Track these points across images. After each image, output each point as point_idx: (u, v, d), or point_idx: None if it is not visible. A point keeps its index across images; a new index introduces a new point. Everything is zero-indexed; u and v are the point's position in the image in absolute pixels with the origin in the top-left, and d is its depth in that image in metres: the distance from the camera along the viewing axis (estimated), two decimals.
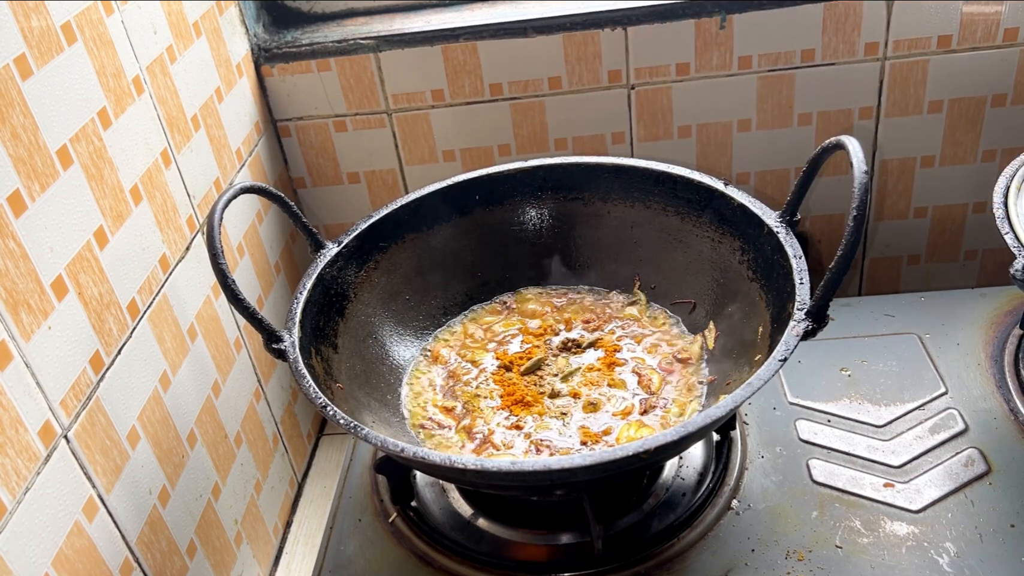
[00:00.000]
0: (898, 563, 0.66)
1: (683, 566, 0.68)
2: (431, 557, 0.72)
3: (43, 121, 0.63)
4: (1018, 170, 0.78)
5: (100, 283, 0.68)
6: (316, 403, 0.64)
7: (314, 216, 1.13)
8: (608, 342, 0.83)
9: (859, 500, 0.71)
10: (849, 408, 0.80)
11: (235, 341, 0.91)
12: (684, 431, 0.58)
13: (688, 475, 0.75)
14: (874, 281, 1.16)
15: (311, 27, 1.05)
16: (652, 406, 0.75)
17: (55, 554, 0.59)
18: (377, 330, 0.83)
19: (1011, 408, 0.77)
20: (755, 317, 0.74)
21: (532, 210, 0.90)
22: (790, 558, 0.67)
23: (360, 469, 0.82)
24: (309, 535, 0.99)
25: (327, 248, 0.80)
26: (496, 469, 0.59)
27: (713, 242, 0.81)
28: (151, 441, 0.73)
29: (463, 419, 0.77)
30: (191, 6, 0.87)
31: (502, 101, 1.03)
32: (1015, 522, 0.67)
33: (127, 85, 0.74)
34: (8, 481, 0.56)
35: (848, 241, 0.60)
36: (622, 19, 0.98)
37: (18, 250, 0.59)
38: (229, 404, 0.88)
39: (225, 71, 0.94)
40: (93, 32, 0.70)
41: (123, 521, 0.68)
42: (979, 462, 0.72)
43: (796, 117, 1.03)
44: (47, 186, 0.62)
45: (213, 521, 0.82)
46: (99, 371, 0.67)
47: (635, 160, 0.86)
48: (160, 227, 0.78)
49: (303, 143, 1.07)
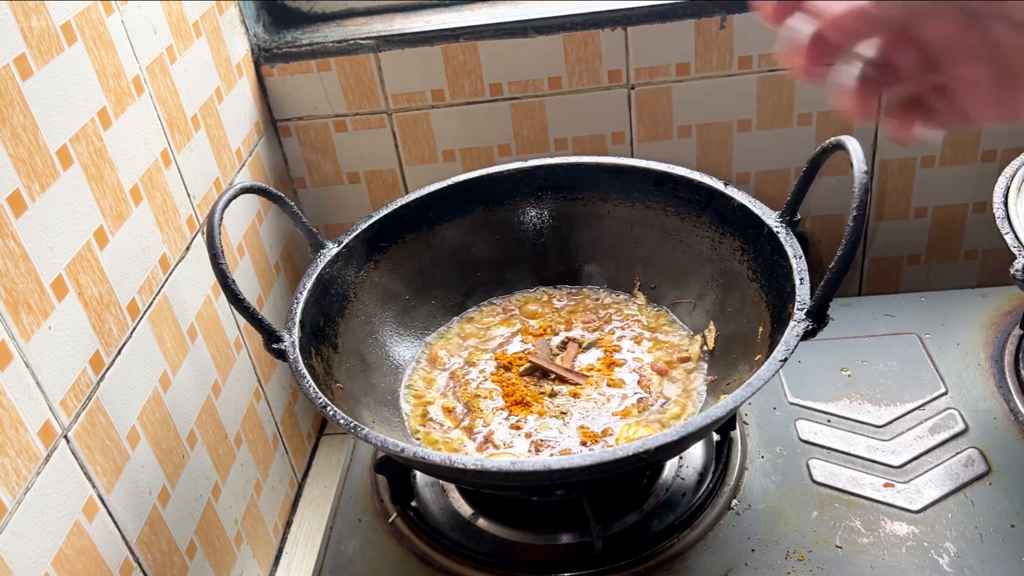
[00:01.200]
0: (898, 563, 0.66)
1: (683, 566, 0.68)
2: (431, 557, 0.72)
3: (43, 121, 0.63)
4: (1018, 170, 0.78)
5: (100, 283, 0.68)
6: (316, 403, 0.64)
7: (314, 216, 1.13)
8: (608, 342, 0.83)
9: (859, 500, 0.71)
10: (849, 408, 0.80)
11: (235, 341, 0.91)
12: (684, 431, 0.58)
13: (688, 475, 0.75)
14: (874, 281, 1.16)
15: (311, 27, 1.05)
16: (652, 406, 0.75)
17: (55, 554, 0.59)
18: (377, 330, 0.83)
19: (1011, 408, 0.77)
20: (755, 317, 0.74)
21: (532, 210, 0.90)
22: (790, 558, 0.67)
23: (360, 469, 0.82)
24: (309, 535, 0.99)
25: (327, 248, 0.80)
26: (496, 469, 0.59)
27: (713, 242, 0.81)
28: (151, 441, 0.73)
29: (463, 419, 0.77)
30: (191, 6, 0.87)
31: (502, 101, 1.03)
32: (1015, 522, 0.67)
33: (127, 85, 0.74)
34: (8, 481, 0.56)
35: (848, 241, 0.60)
36: (622, 19, 0.98)
37: (18, 250, 0.59)
38: (229, 404, 0.88)
39: (225, 71, 0.94)
40: (93, 32, 0.70)
41: (123, 521, 0.68)
42: (979, 462, 0.72)
43: (796, 117, 1.03)
44: (47, 186, 0.62)
45: (213, 521, 0.82)
46: (99, 371, 0.67)
47: (635, 160, 0.86)
48: (160, 227, 0.78)
49: (303, 143, 1.07)
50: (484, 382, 0.80)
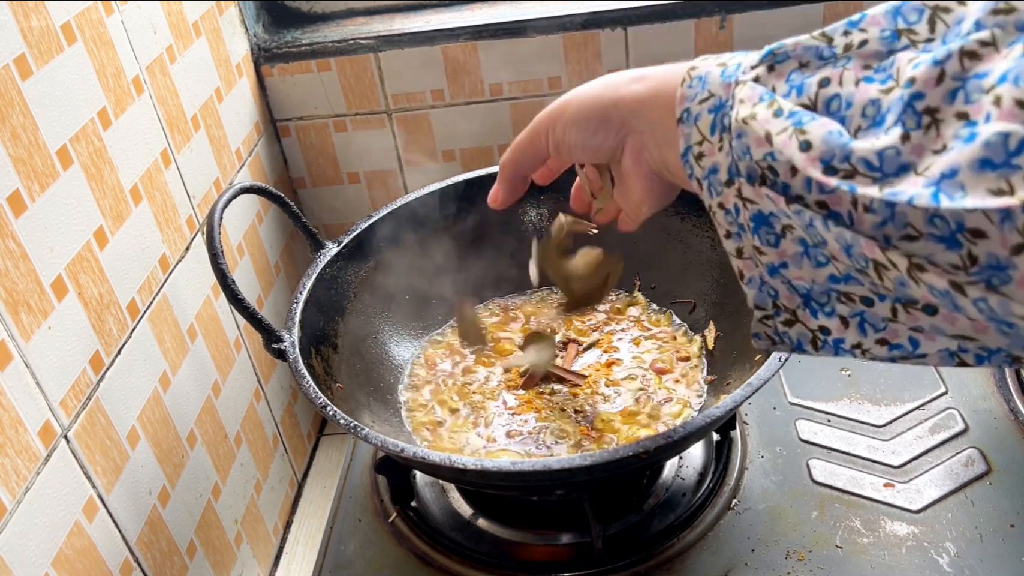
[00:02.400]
0: (898, 563, 0.66)
1: (683, 566, 0.68)
2: (431, 557, 0.72)
3: (43, 121, 0.63)
4: None
5: (100, 283, 0.68)
6: (316, 403, 0.64)
7: (314, 216, 1.13)
8: (608, 342, 0.83)
9: (859, 500, 0.71)
10: (849, 408, 0.80)
11: (235, 341, 0.91)
12: (684, 431, 0.58)
13: (688, 475, 0.75)
14: None
15: (311, 27, 1.05)
16: (651, 406, 0.75)
17: (55, 554, 0.59)
18: (377, 330, 0.83)
19: (1011, 408, 0.77)
20: None
21: (532, 210, 0.90)
22: (790, 558, 0.67)
23: (360, 469, 0.82)
24: (309, 535, 0.99)
25: (327, 248, 0.80)
26: (496, 469, 0.59)
27: (713, 242, 0.81)
28: (151, 441, 0.73)
29: (463, 419, 0.77)
30: (191, 6, 0.87)
31: (502, 101, 1.03)
32: (1015, 522, 0.67)
33: (127, 85, 0.74)
34: (8, 481, 0.56)
35: None
36: (622, 19, 0.98)
37: (18, 250, 0.59)
38: (229, 404, 0.88)
39: (225, 71, 0.94)
40: (93, 32, 0.70)
41: (123, 521, 0.68)
42: (979, 462, 0.72)
43: None
44: (47, 186, 0.62)
45: (213, 521, 0.82)
46: (99, 371, 0.67)
47: None
48: (160, 227, 0.78)
49: (303, 143, 1.07)
50: (484, 382, 0.80)
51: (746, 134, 0.39)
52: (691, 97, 0.43)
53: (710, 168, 0.42)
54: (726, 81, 0.41)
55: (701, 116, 0.42)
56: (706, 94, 0.42)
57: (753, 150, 0.38)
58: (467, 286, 0.90)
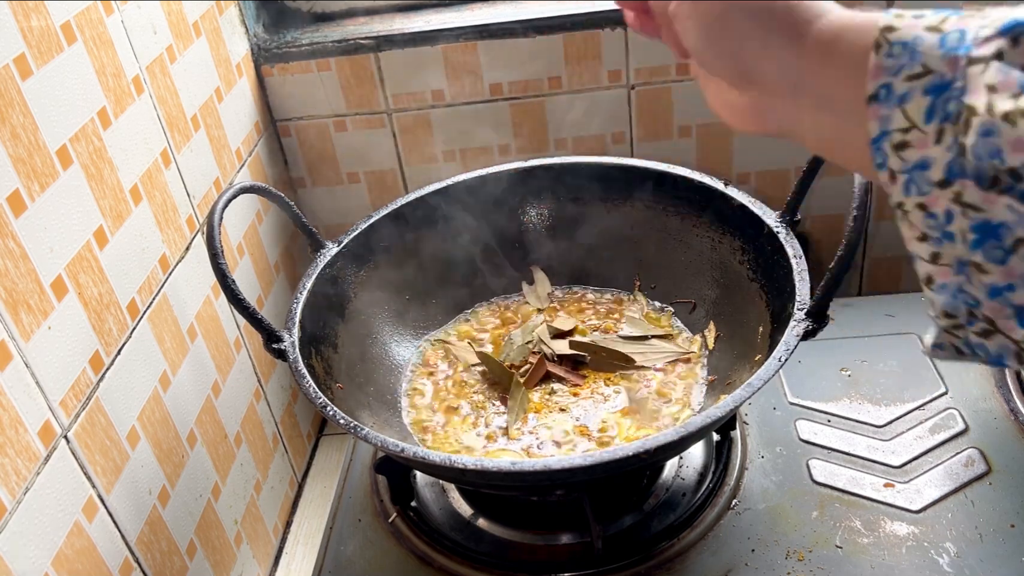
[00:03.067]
0: (898, 563, 0.66)
1: (683, 566, 0.68)
2: (431, 557, 0.72)
3: (43, 121, 0.63)
4: None
5: (100, 283, 0.68)
6: (316, 403, 0.64)
7: (314, 216, 1.13)
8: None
9: (859, 500, 0.71)
10: (849, 408, 0.80)
11: (235, 341, 0.91)
12: (684, 431, 0.58)
13: (688, 475, 0.75)
14: (874, 281, 1.16)
15: (311, 27, 1.05)
16: (651, 406, 0.75)
17: (55, 554, 0.59)
18: (377, 330, 0.83)
19: (1011, 408, 0.77)
20: (755, 317, 0.74)
21: (532, 210, 0.90)
22: (790, 558, 0.67)
23: (360, 469, 0.82)
24: (309, 535, 0.99)
25: (327, 248, 0.80)
26: (496, 469, 0.59)
27: (713, 242, 0.81)
28: (151, 441, 0.73)
29: (463, 419, 0.77)
30: (191, 6, 0.87)
31: (502, 101, 1.03)
32: (1015, 522, 0.67)
33: (127, 85, 0.74)
34: (8, 481, 0.56)
35: (848, 241, 0.60)
36: (622, 19, 0.97)
37: (18, 250, 0.59)
38: (229, 404, 0.88)
39: (225, 71, 0.94)
40: (93, 32, 0.70)
41: (123, 521, 0.68)
42: (979, 462, 0.72)
43: None
44: (47, 186, 0.62)
45: (213, 521, 0.82)
46: (99, 371, 0.67)
47: (635, 160, 0.86)
48: (160, 227, 0.78)
49: (303, 143, 1.07)
50: (484, 382, 0.80)
51: (999, 133, 0.30)
52: (893, 69, 0.33)
53: (917, 162, 0.33)
54: (950, 54, 0.32)
55: (911, 97, 0.33)
56: (918, 68, 0.33)
57: (1008, 155, 0.30)
58: (467, 285, 0.90)
